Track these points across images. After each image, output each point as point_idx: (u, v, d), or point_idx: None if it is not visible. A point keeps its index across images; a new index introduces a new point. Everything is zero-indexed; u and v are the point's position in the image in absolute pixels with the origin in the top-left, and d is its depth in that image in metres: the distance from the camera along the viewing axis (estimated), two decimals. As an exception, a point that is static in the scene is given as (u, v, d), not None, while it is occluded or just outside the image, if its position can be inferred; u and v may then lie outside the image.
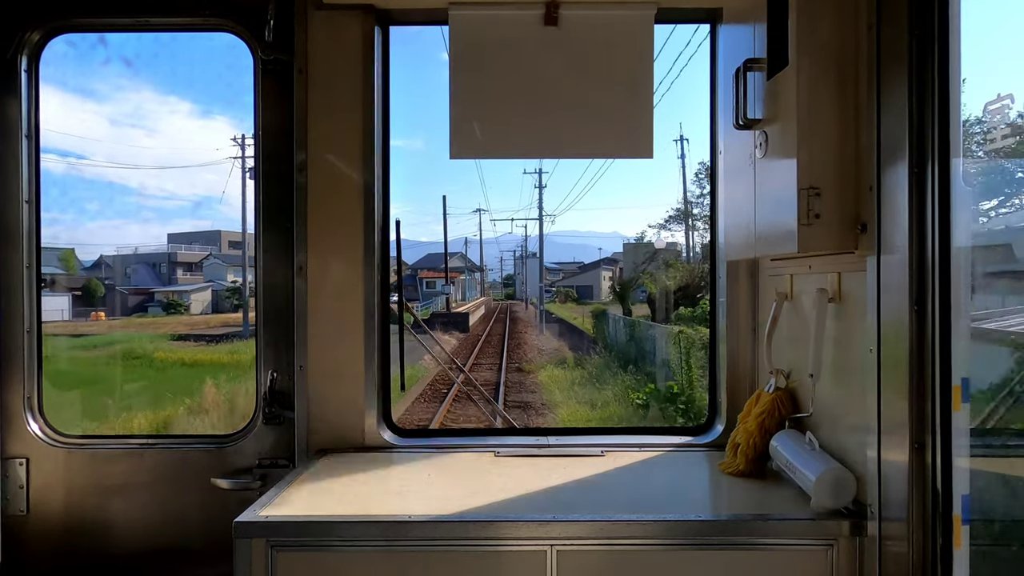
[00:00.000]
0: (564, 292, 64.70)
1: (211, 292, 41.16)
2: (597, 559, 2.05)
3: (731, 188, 2.67)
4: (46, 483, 2.95)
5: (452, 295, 49.19)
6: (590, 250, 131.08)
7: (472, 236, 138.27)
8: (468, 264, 69.17)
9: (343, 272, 2.85)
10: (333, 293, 2.85)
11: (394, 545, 2.06)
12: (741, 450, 2.51)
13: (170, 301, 38.01)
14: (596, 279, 74.56)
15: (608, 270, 75.52)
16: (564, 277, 73.28)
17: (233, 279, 44.74)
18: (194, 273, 48.33)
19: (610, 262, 76.57)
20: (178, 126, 78.29)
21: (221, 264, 47.17)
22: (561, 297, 61.69)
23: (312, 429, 2.84)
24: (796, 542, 2.05)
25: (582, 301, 61.97)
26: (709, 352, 3.16)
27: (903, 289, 1.79)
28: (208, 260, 47.98)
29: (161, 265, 47.07)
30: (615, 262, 76.16)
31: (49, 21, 2.95)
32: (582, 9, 2.77)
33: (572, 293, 65.45)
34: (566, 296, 63.24)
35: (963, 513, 1.74)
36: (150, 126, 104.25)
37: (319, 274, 2.84)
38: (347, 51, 2.82)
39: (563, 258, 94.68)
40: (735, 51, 2.50)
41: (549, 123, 2.82)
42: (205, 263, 48.09)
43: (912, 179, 1.77)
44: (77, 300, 33.71)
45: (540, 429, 4.31)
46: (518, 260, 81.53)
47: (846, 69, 2.03)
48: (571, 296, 63.89)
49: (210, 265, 47.37)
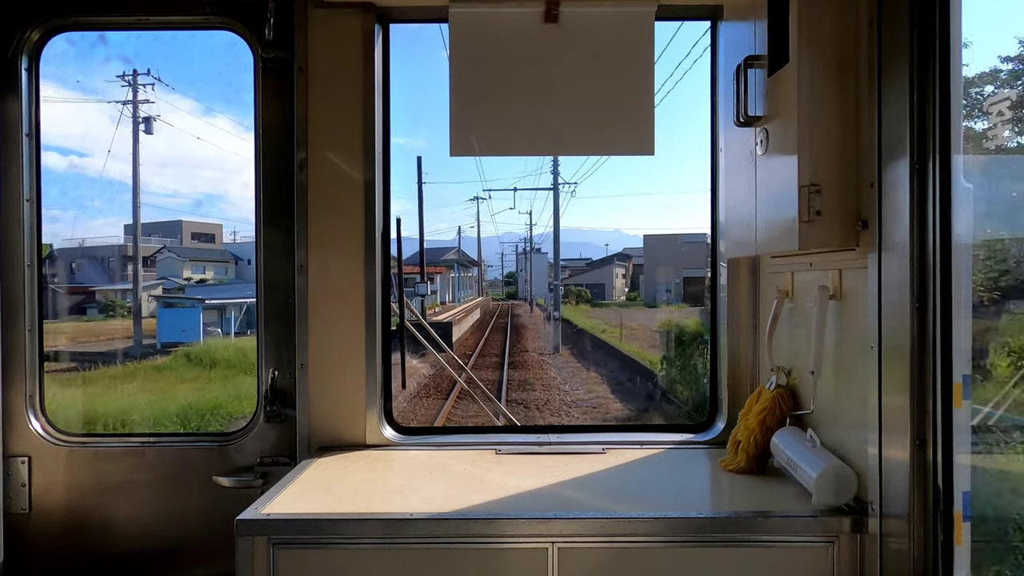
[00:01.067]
0: (576, 292, 56.35)
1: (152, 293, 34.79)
2: (598, 556, 2.05)
3: (731, 185, 2.66)
4: (48, 481, 2.95)
5: (432, 295, 39.47)
6: (593, 248, 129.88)
7: (469, 228, 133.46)
8: (461, 258, 60.79)
9: (344, 270, 2.85)
10: (334, 291, 2.85)
11: (396, 543, 2.06)
12: (742, 447, 2.51)
13: (108, 302, 32.00)
14: (608, 276, 67.74)
15: (621, 266, 72.60)
16: (572, 275, 65.96)
17: (188, 275, 39.59)
18: (148, 268, 41.22)
19: (623, 258, 74.08)
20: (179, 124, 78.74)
21: (176, 259, 41.77)
22: (573, 298, 53.06)
23: (313, 427, 2.84)
24: (797, 539, 2.05)
25: (596, 302, 55.04)
26: (710, 349, 3.16)
27: (904, 286, 1.79)
28: (161, 254, 42.02)
29: (110, 260, 40.18)
30: (628, 258, 73.59)
31: (49, 20, 2.95)
32: (582, 6, 2.77)
33: (585, 293, 57.38)
34: (578, 297, 55.17)
35: (964, 510, 1.74)
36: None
37: (320, 272, 2.84)
38: (347, 49, 2.82)
39: (567, 255, 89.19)
40: (736, 48, 2.50)
41: (549, 120, 2.82)
42: (158, 257, 41.89)
43: (913, 176, 1.77)
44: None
45: (541, 427, 4.31)
46: (520, 256, 74.71)
47: (847, 65, 2.02)
48: (584, 296, 55.97)
49: (164, 260, 41.45)
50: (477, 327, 34.72)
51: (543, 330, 32.40)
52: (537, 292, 55.99)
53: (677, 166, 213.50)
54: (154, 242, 44.46)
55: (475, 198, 79.71)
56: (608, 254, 77.67)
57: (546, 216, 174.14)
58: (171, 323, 25.01)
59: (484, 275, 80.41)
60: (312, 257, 2.83)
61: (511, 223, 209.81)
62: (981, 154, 2.28)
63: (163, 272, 39.78)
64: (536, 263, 56.72)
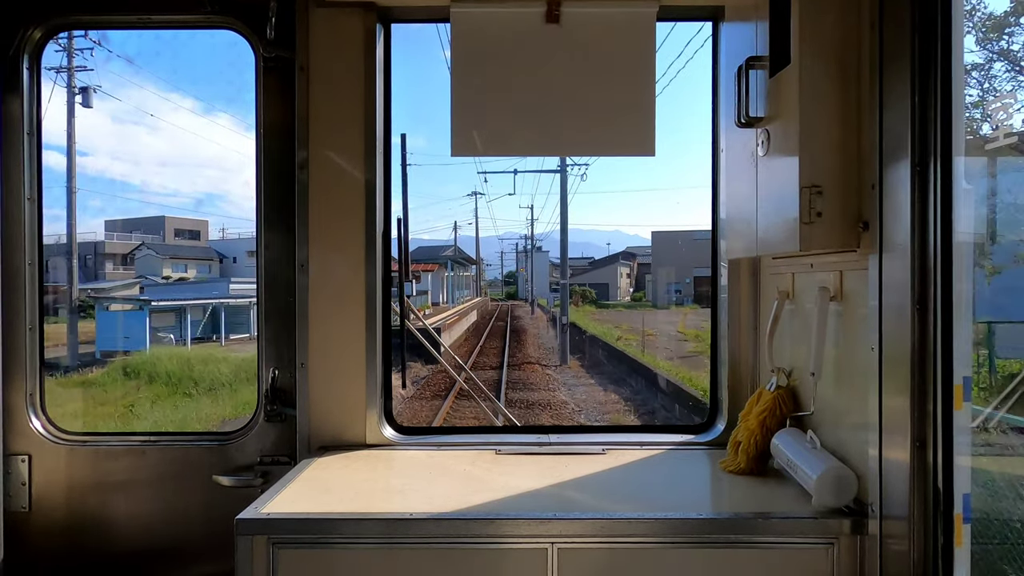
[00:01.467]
0: (580, 292, 53.91)
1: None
2: (598, 557, 2.05)
3: (733, 186, 2.66)
4: (48, 480, 2.95)
5: (422, 296, 35.56)
6: (593, 248, 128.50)
7: (467, 224, 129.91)
8: (457, 255, 56.42)
9: (345, 269, 2.85)
10: (335, 290, 2.85)
11: (395, 543, 2.06)
12: (742, 448, 2.51)
13: (80, 302, 27.32)
14: (612, 276, 66.23)
15: (626, 265, 71.08)
16: (573, 274, 64.24)
17: (168, 273, 36.87)
18: (127, 267, 40.23)
19: (628, 256, 72.79)
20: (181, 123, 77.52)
21: (156, 256, 39.60)
22: (576, 298, 49.76)
23: (313, 426, 2.84)
24: (797, 540, 2.05)
25: (600, 303, 52.88)
26: (711, 350, 3.16)
27: (905, 288, 1.79)
28: (140, 251, 39.97)
29: (87, 257, 38.14)
30: (633, 256, 72.43)
31: (51, 19, 2.95)
32: (584, 6, 2.77)
33: (590, 293, 55.86)
34: (583, 296, 53.27)
35: (964, 512, 1.74)
36: (151, 123, 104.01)
37: (320, 271, 2.84)
38: (349, 48, 2.82)
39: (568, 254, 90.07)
40: (737, 49, 2.50)
41: (550, 120, 2.82)
42: (137, 255, 40.13)
43: (914, 177, 1.77)
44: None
45: (541, 427, 4.32)
46: (520, 254, 72.02)
47: (848, 67, 2.02)
48: (588, 296, 54.24)
49: (143, 257, 39.42)
50: (472, 332, 30.95)
51: (546, 335, 28.86)
52: (539, 292, 54.53)
53: (679, 162, 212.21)
54: (134, 239, 41.83)
55: (473, 193, 72.15)
56: (611, 252, 76.06)
57: (548, 212, 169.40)
58: (111, 328, 21.85)
59: (483, 274, 76.12)
60: (313, 256, 2.83)
61: (511, 220, 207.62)
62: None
63: (142, 270, 37.51)
64: (538, 261, 54.98)
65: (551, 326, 26.72)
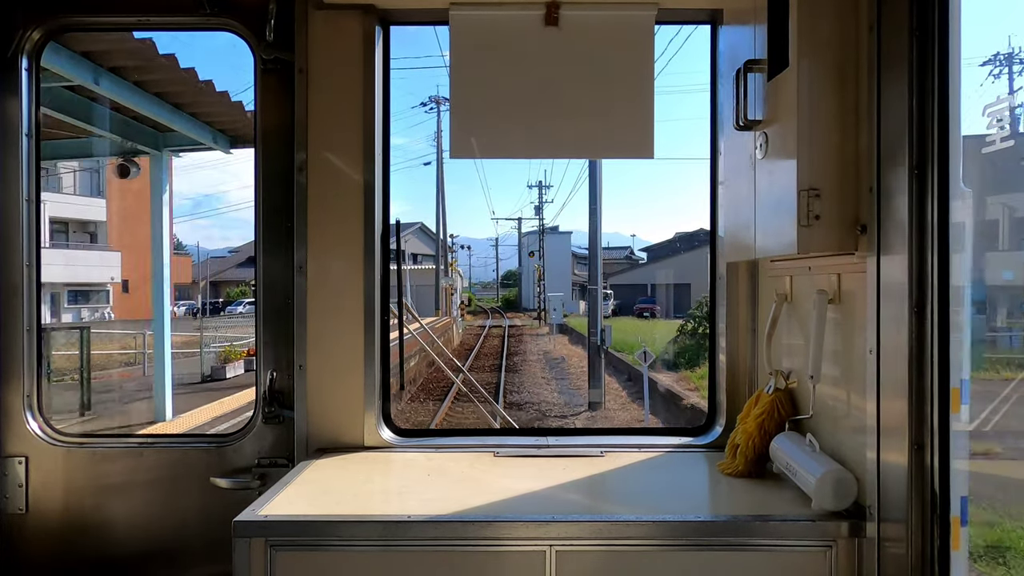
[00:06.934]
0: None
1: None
2: (596, 559, 2.05)
3: (731, 189, 2.67)
4: (45, 482, 2.95)
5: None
6: (610, 251, 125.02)
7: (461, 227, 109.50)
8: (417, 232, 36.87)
9: (343, 271, 2.85)
10: (333, 292, 2.85)
11: (393, 545, 2.06)
12: (740, 451, 2.51)
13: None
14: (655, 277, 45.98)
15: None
16: (608, 274, 41.83)
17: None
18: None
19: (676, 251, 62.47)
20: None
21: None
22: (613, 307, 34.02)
23: (311, 428, 2.84)
24: (795, 543, 2.05)
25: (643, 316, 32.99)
26: (709, 353, 3.16)
27: (903, 291, 1.79)
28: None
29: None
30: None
31: (50, 20, 2.95)
32: (583, 10, 2.77)
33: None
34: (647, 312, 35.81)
35: (961, 515, 1.74)
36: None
37: (319, 273, 2.84)
38: (348, 51, 2.82)
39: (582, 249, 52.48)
40: (735, 52, 2.50)
41: (549, 123, 2.82)
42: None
43: (912, 180, 1.77)
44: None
45: (540, 429, 4.32)
46: (525, 238, 53.53)
47: (846, 70, 2.03)
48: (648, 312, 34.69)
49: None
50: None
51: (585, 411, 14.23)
52: (552, 295, 35.83)
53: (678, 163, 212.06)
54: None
55: (430, 99, 43.93)
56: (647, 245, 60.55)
57: (562, 193, 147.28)
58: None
59: (456, 271, 44.34)
60: (311, 258, 2.83)
61: (511, 217, 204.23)
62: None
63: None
64: (553, 247, 37.25)
65: (593, 374, 13.63)
